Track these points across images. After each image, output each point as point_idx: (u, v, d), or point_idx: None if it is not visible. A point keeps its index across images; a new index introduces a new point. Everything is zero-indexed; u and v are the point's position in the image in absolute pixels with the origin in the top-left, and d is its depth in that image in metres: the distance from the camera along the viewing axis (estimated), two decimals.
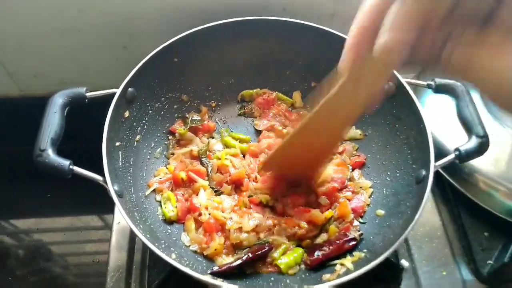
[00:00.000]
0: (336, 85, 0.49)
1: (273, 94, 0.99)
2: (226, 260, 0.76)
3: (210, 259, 0.77)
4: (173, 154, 0.92)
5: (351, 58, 0.40)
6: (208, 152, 0.90)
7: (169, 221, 0.81)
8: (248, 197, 0.83)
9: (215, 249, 0.76)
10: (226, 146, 0.93)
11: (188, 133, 0.92)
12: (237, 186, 0.86)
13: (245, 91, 1.00)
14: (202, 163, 0.88)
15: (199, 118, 0.95)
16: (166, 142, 0.93)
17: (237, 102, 1.01)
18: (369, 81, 0.46)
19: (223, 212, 0.80)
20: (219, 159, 0.88)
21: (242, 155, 0.91)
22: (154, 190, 0.85)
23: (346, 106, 0.53)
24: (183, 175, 0.85)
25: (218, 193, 0.85)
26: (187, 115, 0.95)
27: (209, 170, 0.87)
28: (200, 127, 0.94)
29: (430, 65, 0.36)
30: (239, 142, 0.93)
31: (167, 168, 0.89)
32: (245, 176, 0.85)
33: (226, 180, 0.86)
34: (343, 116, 0.57)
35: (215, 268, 0.73)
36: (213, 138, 0.94)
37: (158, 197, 0.84)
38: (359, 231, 0.79)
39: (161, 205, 0.83)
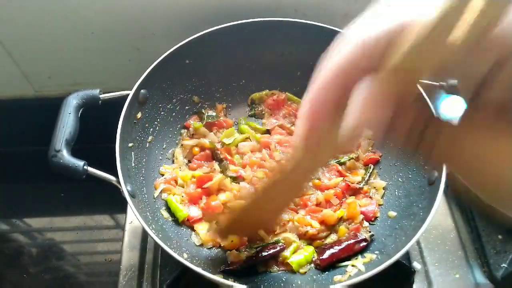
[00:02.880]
0: (291, 160, 0.45)
1: (283, 95, 0.99)
2: (239, 256, 0.76)
3: (222, 256, 0.77)
4: (182, 145, 0.92)
5: (306, 134, 0.33)
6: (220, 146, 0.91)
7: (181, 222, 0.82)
8: None
9: (232, 241, 0.77)
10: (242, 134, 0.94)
11: (202, 127, 0.93)
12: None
13: (254, 94, 1.00)
14: (216, 156, 0.89)
15: (215, 114, 0.95)
16: (177, 141, 0.94)
17: (248, 105, 1.01)
18: (327, 153, 0.40)
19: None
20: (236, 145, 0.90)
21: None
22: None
23: (302, 175, 0.50)
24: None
25: (237, 181, 0.86)
26: (203, 111, 0.95)
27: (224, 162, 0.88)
28: (215, 122, 0.94)
29: (411, 151, 0.30)
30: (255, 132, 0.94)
31: (173, 162, 0.90)
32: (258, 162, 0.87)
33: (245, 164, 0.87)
34: (299, 182, 0.54)
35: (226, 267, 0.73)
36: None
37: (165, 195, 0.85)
38: (370, 232, 0.79)
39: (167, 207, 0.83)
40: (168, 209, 0.82)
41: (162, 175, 0.88)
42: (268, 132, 0.95)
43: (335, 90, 0.29)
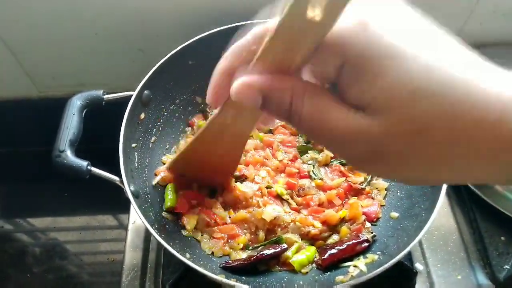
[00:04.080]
0: (214, 115, 0.52)
1: None
2: (241, 255, 0.76)
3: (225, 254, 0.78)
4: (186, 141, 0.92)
5: (214, 97, 0.42)
6: None
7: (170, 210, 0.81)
8: (266, 187, 0.84)
9: (238, 243, 0.78)
10: None
11: None
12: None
13: None
14: None
15: None
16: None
17: None
18: (246, 114, 0.49)
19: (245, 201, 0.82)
20: None
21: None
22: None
23: (230, 131, 0.58)
24: None
25: (240, 180, 0.86)
26: (207, 109, 0.96)
27: None
28: None
29: (283, 119, 0.35)
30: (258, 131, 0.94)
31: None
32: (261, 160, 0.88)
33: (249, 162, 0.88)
34: (231, 138, 0.62)
35: (228, 263, 0.74)
36: None
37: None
38: (372, 232, 0.79)
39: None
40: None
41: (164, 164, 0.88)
42: (271, 131, 0.96)
43: (228, 71, 0.37)
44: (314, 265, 0.76)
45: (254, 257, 0.74)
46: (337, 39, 0.30)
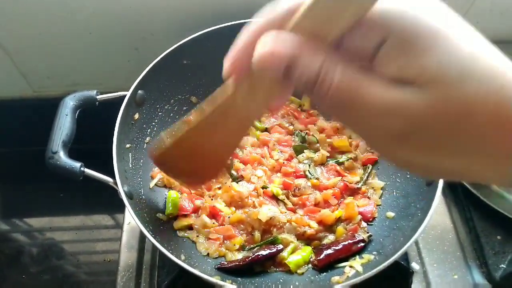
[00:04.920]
0: (224, 94, 0.46)
1: None
2: (236, 256, 0.76)
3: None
4: None
5: (232, 69, 0.39)
6: None
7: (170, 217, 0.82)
8: (262, 188, 0.83)
9: (234, 244, 0.78)
10: None
11: None
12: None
13: None
14: None
15: None
16: None
17: None
18: (259, 93, 0.43)
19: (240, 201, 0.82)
20: None
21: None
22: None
23: (237, 114, 0.50)
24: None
25: (237, 180, 0.86)
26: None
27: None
28: None
29: (308, 92, 0.33)
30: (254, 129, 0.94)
31: None
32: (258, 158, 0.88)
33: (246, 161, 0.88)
34: (235, 124, 0.54)
35: (223, 264, 0.74)
36: None
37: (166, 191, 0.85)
38: (367, 232, 0.79)
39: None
40: (163, 211, 0.82)
41: None
42: (267, 130, 0.95)
43: (251, 45, 0.35)
44: (310, 265, 0.76)
45: (250, 258, 0.73)
46: (383, 14, 0.30)
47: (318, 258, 0.75)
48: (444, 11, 0.31)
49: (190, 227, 0.81)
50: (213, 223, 0.81)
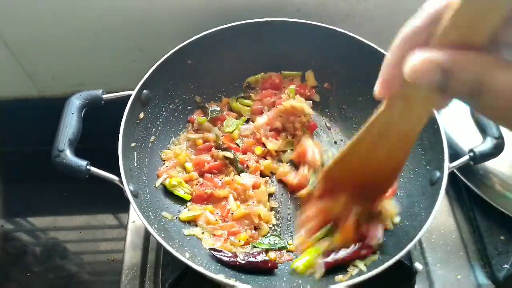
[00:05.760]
0: (379, 114, 0.47)
1: (278, 78, 0.98)
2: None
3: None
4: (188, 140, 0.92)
5: (384, 88, 0.39)
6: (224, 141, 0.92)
7: (184, 220, 0.82)
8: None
9: (239, 240, 0.79)
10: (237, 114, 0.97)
11: (206, 122, 0.93)
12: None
13: (251, 77, 0.99)
14: (219, 147, 0.90)
15: (219, 108, 0.95)
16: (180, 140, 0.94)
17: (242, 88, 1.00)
18: (417, 105, 0.43)
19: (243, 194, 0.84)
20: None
21: None
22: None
23: (398, 130, 0.50)
24: (188, 165, 0.88)
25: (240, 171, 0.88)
26: (207, 105, 0.96)
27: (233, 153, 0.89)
28: (220, 117, 0.94)
29: (468, 95, 0.31)
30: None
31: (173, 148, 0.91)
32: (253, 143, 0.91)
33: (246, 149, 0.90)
34: (398, 139, 0.53)
35: (220, 254, 0.75)
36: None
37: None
38: (379, 240, 0.75)
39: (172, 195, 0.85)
40: (168, 209, 0.83)
41: (164, 161, 0.89)
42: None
43: (403, 49, 0.34)
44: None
45: (239, 263, 0.74)
46: None
47: (325, 260, 0.73)
48: None
49: (195, 221, 0.82)
50: (216, 220, 0.81)
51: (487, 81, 0.29)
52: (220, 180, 0.86)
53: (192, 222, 0.83)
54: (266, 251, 0.78)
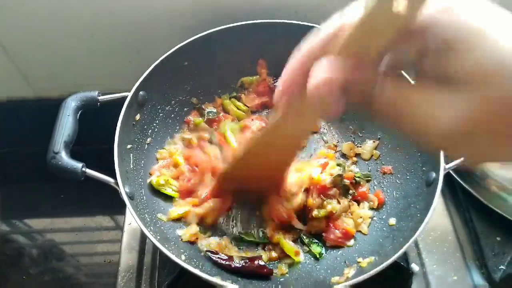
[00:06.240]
0: (275, 117, 0.51)
1: (272, 82, 0.98)
2: (231, 252, 0.78)
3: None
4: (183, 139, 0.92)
5: (283, 96, 0.43)
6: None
7: (174, 218, 0.82)
8: None
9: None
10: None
11: (202, 123, 0.93)
12: None
13: (245, 78, 0.99)
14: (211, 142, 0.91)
15: (215, 110, 0.95)
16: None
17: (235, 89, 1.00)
18: (309, 115, 0.48)
19: None
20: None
21: None
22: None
23: (288, 134, 0.55)
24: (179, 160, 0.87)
25: None
26: (203, 107, 0.96)
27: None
28: (216, 118, 0.95)
29: (365, 108, 0.36)
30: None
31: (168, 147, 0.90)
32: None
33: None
34: (287, 143, 0.59)
35: (216, 257, 0.75)
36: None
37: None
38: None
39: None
40: (164, 212, 0.83)
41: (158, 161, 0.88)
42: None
43: (301, 69, 0.39)
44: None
45: (235, 267, 0.74)
46: (423, 25, 0.32)
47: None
48: (483, 5, 0.31)
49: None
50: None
51: (375, 96, 0.35)
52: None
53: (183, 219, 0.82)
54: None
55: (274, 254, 0.78)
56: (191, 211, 0.80)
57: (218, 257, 0.75)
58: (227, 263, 0.74)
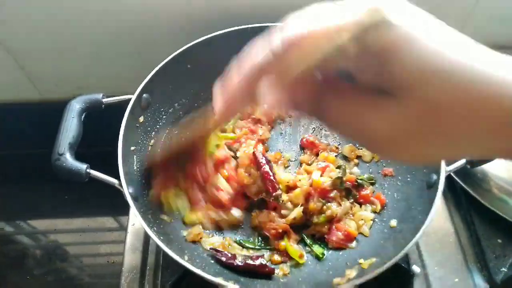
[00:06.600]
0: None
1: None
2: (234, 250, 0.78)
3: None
4: None
5: (227, 110, 0.45)
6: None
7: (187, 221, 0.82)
8: None
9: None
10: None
11: None
12: None
13: None
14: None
15: None
16: None
17: None
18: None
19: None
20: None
21: None
22: None
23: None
24: None
25: None
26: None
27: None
28: None
29: (314, 118, 0.40)
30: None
31: None
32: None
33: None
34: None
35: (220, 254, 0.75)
36: None
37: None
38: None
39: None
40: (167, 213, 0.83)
41: None
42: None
43: (247, 88, 0.40)
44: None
45: (237, 265, 0.75)
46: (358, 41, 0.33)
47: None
48: (412, 11, 0.32)
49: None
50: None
51: (320, 110, 0.38)
52: None
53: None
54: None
55: (277, 258, 0.79)
56: (209, 217, 0.81)
57: (221, 255, 0.75)
58: (230, 261, 0.75)
